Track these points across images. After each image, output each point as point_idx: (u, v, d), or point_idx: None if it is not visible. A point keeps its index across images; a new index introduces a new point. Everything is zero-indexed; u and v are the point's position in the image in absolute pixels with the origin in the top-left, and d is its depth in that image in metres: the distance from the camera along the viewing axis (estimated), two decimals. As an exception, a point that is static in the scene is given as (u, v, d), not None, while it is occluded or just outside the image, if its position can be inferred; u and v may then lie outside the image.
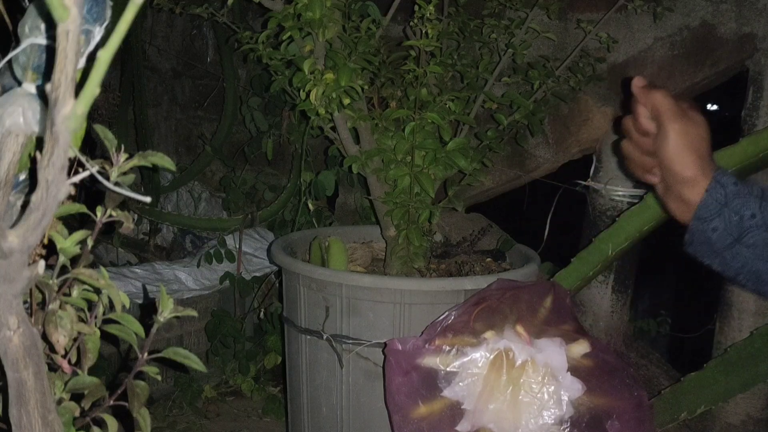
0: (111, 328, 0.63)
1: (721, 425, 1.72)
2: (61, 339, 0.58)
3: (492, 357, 1.09)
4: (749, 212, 0.80)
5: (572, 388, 1.06)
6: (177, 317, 0.65)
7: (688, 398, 1.54)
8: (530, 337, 1.08)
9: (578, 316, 1.18)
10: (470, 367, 1.10)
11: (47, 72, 0.55)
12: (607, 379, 1.08)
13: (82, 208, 0.59)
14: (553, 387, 1.06)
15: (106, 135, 0.57)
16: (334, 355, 1.45)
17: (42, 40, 0.54)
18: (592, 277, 1.65)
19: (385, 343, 1.25)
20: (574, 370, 1.07)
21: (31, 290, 0.60)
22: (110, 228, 0.62)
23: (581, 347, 1.09)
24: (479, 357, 1.09)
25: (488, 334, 1.10)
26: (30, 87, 0.56)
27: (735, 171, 1.45)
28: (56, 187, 0.41)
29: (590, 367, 1.07)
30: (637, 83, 0.85)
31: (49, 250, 0.61)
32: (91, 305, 0.63)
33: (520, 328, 1.10)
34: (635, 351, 1.93)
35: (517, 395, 1.06)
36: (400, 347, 1.12)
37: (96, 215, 0.60)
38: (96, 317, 0.63)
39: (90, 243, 0.60)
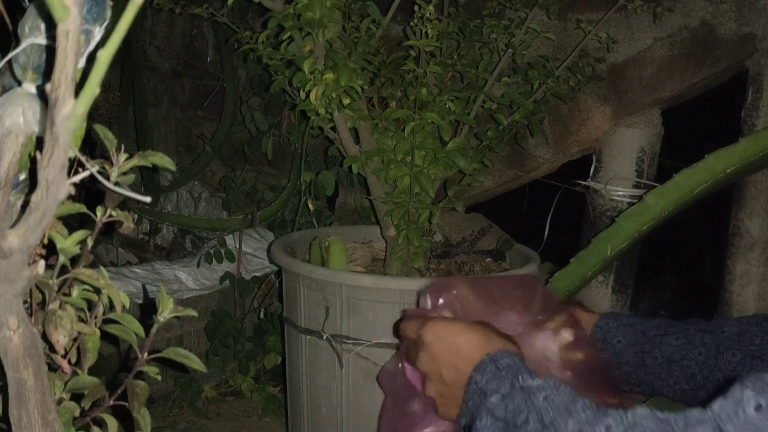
0: (111, 328, 0.63)
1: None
2: (61, 339, 0.58)
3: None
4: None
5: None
6: (177, 317, 0.65)
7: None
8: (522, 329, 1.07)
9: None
10: None
11: (47, 72, 0.55)
12: (592, 375, 1.07)
13: (82, 208, 0.59)
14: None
15: (106, 135, 0.57)
16: (334, 355, 1.45)
17: (42, 40, 0.54)
18: (591, 278, 1.65)
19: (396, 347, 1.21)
20: (564, 363, 1.06)
21: (31, 290, 0.60)
22: (110, 228, 0.62)
23: (566, 334, 1.08)
24: None
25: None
26: (30, 87, 0.56)
27: (734, 171, 1.45)
28: (56, 187, 0.41)
29: (580, 361, 1.07)
30: None
31: (49, 250, 0.61)
32: (91, 305, 0.63)
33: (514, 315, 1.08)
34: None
35: None
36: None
37: (96, 215, 0.60)
38: (96, 317, 0.63)
39: (90, 243, 0.60)
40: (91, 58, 0.50)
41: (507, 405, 0.73)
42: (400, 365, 1.03)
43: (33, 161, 0.57)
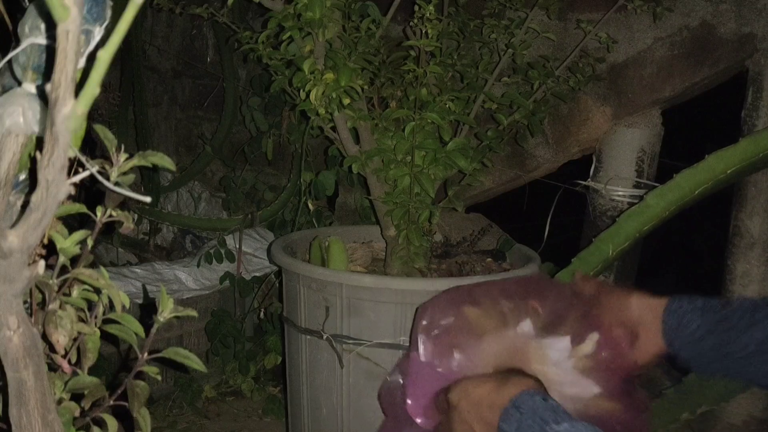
0: (111, 328, 0.63)
1: (723, 426, 1.72)
2: (61, 339, 0.58)
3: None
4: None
5: (585, 389, 1.02)
6: (177, 317, 0.65)
7: (689, 398, 1.54)
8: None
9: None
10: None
11: (47, 72, 0.55)
12: (612, 381, 1.04)
13: (82, 208, 0.59)
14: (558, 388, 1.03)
15: (106, 135, 0.57)
16: (334, 355, 1.45)
17: (42, 40, 0.54)
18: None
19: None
20: (582, 369, 1.03)
21: (31, 290, 0.60)
22: (110, 228, 0.62)
23: (587, 346, 1.05)
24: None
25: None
26: (30, 87, 0.56)
27: (734, 171, 1.45)
28: (56, 187, 0.41)
29: (596, 367, 1.04)
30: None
31: (49, 250, 0.61)
32: (91, 305, 0.63)
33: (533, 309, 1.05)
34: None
35: None
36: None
37: (96, 215, 0.60)
38: (96, 317, 0.63)
39: (90, 243, 0.60)
40: (91, 58, 0.50)
41: None
42: (399, 380, 1.03)
43: (33, 161, 0.57)
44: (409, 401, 1.00)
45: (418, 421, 1.00)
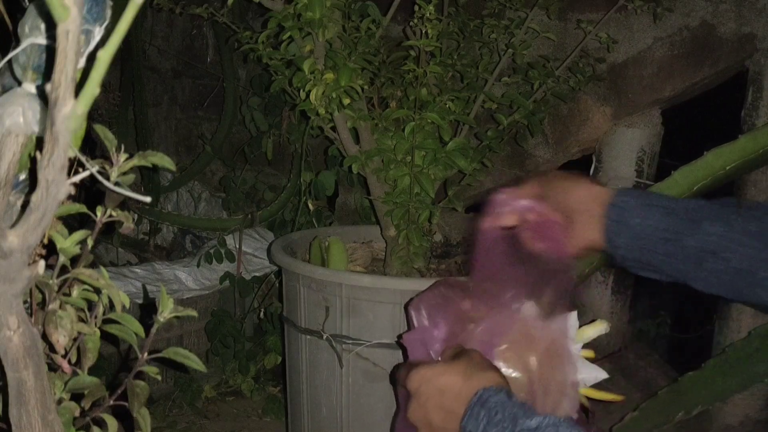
0: (111, 328, 0.63)
1: (719, 426, 1.72)
2: (61, 339, 0.58)
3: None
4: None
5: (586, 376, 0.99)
6: (177, 317, 0.65)
7: (684, 398, 1.54)
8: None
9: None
10: None
11: (47, 72, 0.55)
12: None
13: (82, 208, 0.59)
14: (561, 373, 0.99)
15: (106, 135, 0.57)
16: (334, 355, 1.45)
17: (42, 40, 0.54)
18: (588, 275, 1.65)
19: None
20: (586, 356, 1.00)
21: (31, 290, 0.60)
22: (110, 228, 0.62)
23: (598, 328, 1.01)
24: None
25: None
26: (30, 87, 0.56)
27: (733, 168, 1.45)
28: (56, 187, 0.41)
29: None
30: None
31: (49, 250, 0.61)
32: (91, 305, 0.63)
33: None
34: (634, 352, 1.93)
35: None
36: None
37: (96, 215, 0.60)
38: (96, 317, 0.63)
39: (90, 243, 0.60)
40: (91, 58, 0.50)
41: None
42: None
43: (33, 161, 0.57)
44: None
45: None
